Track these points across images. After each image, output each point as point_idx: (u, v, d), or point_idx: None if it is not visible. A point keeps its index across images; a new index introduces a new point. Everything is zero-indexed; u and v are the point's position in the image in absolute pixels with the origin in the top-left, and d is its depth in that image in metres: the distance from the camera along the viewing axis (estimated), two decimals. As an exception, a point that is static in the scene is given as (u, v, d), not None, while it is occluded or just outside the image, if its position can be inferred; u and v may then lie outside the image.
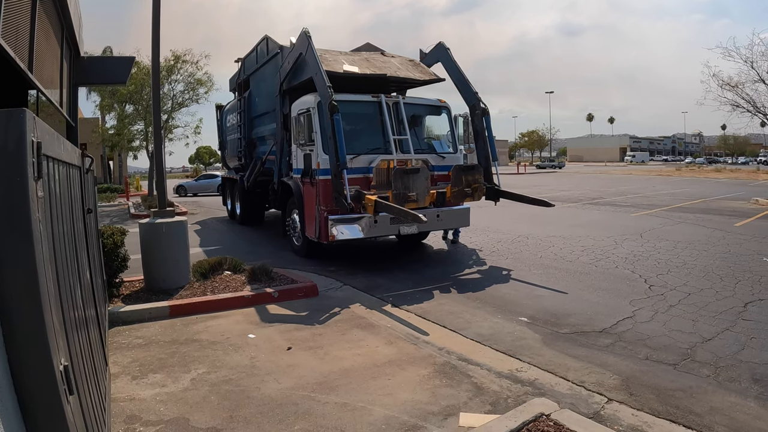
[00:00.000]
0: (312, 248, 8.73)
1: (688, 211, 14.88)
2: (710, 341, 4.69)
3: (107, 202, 23.05)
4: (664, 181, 32.96)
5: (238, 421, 3.30)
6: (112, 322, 5.33)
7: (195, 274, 6.80)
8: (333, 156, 7.20)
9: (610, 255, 8.63)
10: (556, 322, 5.39)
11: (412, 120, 8.70)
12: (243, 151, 12.84)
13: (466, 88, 9.10)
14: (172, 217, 6.58)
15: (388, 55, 10.17)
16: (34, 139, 1.61)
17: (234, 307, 5.91)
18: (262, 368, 4.19)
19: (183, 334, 5.04)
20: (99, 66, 6.26)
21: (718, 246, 9.30)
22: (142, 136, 22.03)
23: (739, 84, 20.40)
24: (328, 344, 4.76)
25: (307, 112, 8.18)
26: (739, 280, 6.80)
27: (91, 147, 26.99)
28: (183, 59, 20.56)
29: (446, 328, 5.26)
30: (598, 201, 18.59)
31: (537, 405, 3.35)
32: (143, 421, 3.31)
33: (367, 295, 6.53)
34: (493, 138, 9.03)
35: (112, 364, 4.24)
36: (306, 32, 8.04)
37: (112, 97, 21.21)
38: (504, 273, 7.68)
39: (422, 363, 4.31)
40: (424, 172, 7.95)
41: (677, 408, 3.49)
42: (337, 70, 8.32)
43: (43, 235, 1.69)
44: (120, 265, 6.17)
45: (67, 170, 2.73)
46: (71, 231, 2.63)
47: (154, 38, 6.72)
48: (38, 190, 1.64)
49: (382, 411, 3.44)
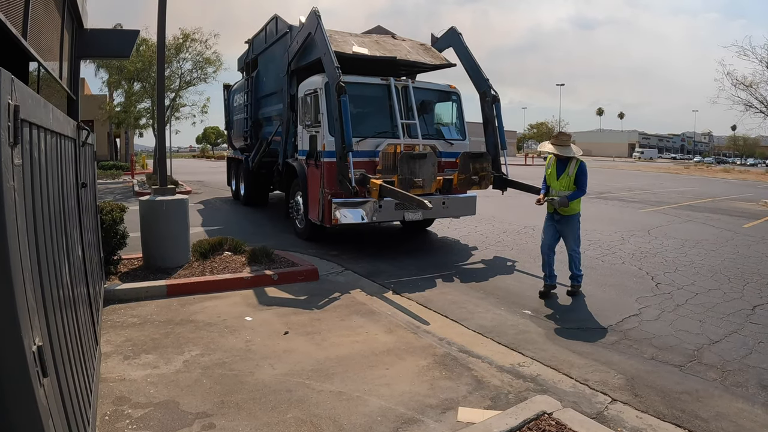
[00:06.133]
0: (315, 231, 8.61)
1: (697, 210, 14.67)
2: (717, 343, 4.57)
3: (112, 179, 22.98)
4: (673, 179, 32.64)
5: (229, 407, 3.21)
6: (108, 300, 5.25)
7: (195, 254, 6.71)
8: (339, 138, 7.06)
9: (617, 250, 8.48)
10: (560, 316, 5.27)
11: (421, 105, 8.52)
12: (249, 132, 12.70)
13: (478, 74, 8.91)
14: (172, 195, 6.48)
15: (399, 38, 9.95)
16: (11, 102, 1.49)
17: (232, 289, 5.81)
18: (257, 352, 4.10)
19: (179, 315, 4.95)
20: (102, 39, 6.09)
21: (727, 246, 9.13)
22: (149, 114, 21.90)
23: (753, 84, 20.07)
24: (326, 330, 4.66)
25: (315, 92, 8.02)
26: (747, 282, 6.65)
27: (98, 123, 26.92)
28: (192, 38, 20.35)
29: (448, 318, 5.15)
30: (606, 195, 18.37)
31: (539, 402, 3.24)
32: (132, 403, 3.22)
33: (368, 281, 6.42)
34: (503, 126, 8.84)
35: (105, 343, 4.16)
36: (316, 11, 7.85)
37: (120, 74, 21.06)
38: (509, 264, 7.55)
39: (422, 353, 4.20)
40: (432, 158, 7.79)
41: (683, 411, 3.37)
42: (346, 51, 8.14)
43: (19, 205, 1.57)
44: (119, 243, 6.07)
45: (57, 140, 2.60)
46: (59, 204, 2.51)
47: (161, 12, 6.57)
48: (14, 156, 1.52)
49: (378, 402, 3.34)
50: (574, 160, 5.79)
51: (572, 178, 5.75)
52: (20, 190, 1.60)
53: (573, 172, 5.76)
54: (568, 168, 5.81)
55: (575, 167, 5.76)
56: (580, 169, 5.76)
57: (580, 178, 5.76)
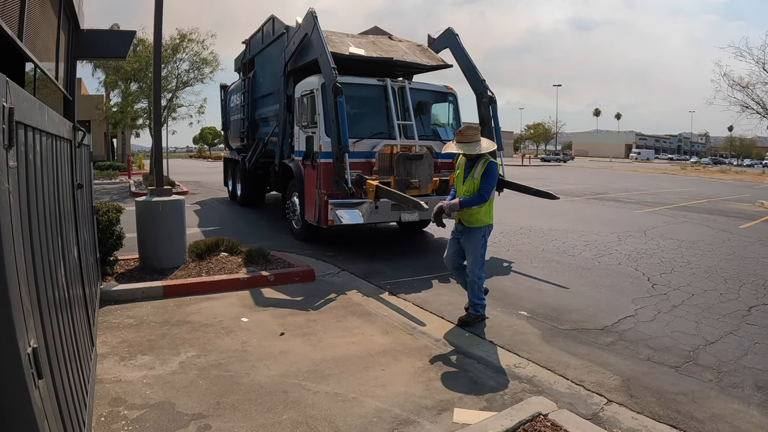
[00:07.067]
0: (311, 232, 8.61)
1: (693, 211, 14.72)
2: (713, 344, 4.58)
3: (109, 179, 22.93)
4: (669, 180, 32.72)
5: (225, 408, 3.21)
6: (105, 300, 5.23)
7: (191, 255, 6.70)
8: (335, 139, 7.06)
9: (613, 251, 8.50)
10: (556, 317, 5.28)
11: (418, 106, 8.53)
12: (246, 132, 12.69)
13: (474, 75, 8.93)
14: (169, 195, 6.47)
15: (396, 39, 9.97)
16: (5, 104, 1.49)
17: (229, 290, 5.81)
18: (253, 353, 4.10)
19: (175, 315, 4.95)
20: (99, 39, 6.07)
21: (723, 247, 9.16)
22: (145, 115, 21.86)
23: (749, 85, 20.16)
24: (322, 331, 4.66)
25: (311, 93, 8.03)
26: (743, 283, 6.67)
27: (95, 124, 26.88)
28: (189, 38, 20.33)
29: (444, 319, 5.15)
30: (603, 196, 18.42)
31: (534, 404, 3.24)
32: (128, 404, 3.21)
33: (364, 282, 6.42)
34: (499, 127, 8.86)
35: (101, 344, 4.15)
36: (312, 12, 7.85)
37: (117, 74, 21.02)
38: (505, 265, 7.56)
39: (418, 354, 4.20)
40: (428, 158, 7.80)
41: (678, 413, 3.38)
42: (342, 52, 8.14)
43: (14, 206, 1.57)
44: (115, 243, 6.06)
45: (53, 142, 2.60)
46: (54, 206, 2.51)
47: (157, 12, 6.57)
48: (8, 159, 1.52)
49: (374, 403, 3.34)
50: (482, 159, 4.78)
51: (477, 181, 4.74)
52: (15, 192, 1.60)
53: (479, 173, 4.74)
54: (474, 169, 4.80)
55: (482, 167, 4.73)
56: (486, 169, 4.71)
57: (483, 181, 4.71)
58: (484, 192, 4.67)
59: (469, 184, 4.78)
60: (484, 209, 4.80)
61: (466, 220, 4.86)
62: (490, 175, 4.69)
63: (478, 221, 4.81)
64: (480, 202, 4.70)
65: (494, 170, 4.72)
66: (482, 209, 4.78)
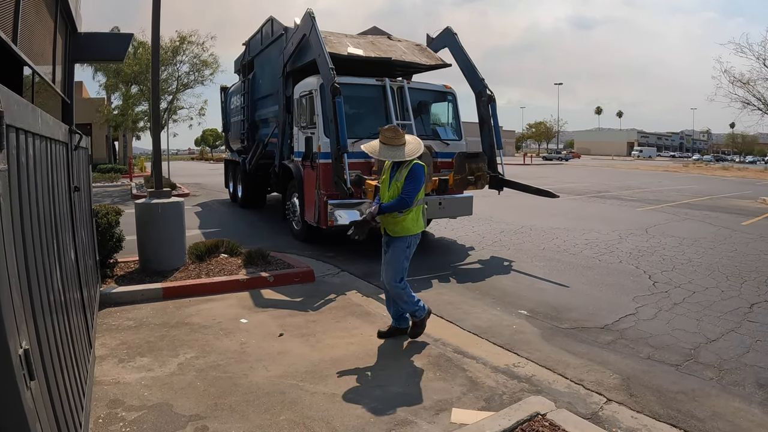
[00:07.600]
0: (311, 233, 8.61)
1: (695, 208, 14.67)
2: (714, 342, 4.56)
3: (110, 182, 22.98)
4: (671, 177, 32.64)
5: (222, 409, 3.20)
6: (104, 303, 5.24)
7: (191, 256, 6.70)
8: (334, 139, 7.05)
9: (615, 249, 8.48)
10: (556, 316, 5.27)
11: (417, 105, 8.53)
12: (246, 134, 12.71)
13: (473, 74, 8.92)
14: (168, 197, 6.47)
15: (395, 39, 9.96)
16: (-5, 107, 1.49)
17: (228, 291, 5.81)
18: (251, 354, 4.09)
19: (174, 317, 4.95)
20: (96, 42, 6.08)
21: (725, 244, 9.13)
22: (146, 117, 21.90)
23: (750, 81, 20.12)
24: (321, 332, 4.65)
25: (310, 94, 8.03)
26: (745, 280, 6.65)
27: (96, 127, 26.93)
28: (189, 40, 20.36)
29: (443, 319, 5.14)
30: (604, 194, 18.38)
31: (533, 403, 3.23)
32: (126, 405, 3.21)
33: (364, 282, 6.41)
34: (498, 126, 8.85)
35: (100, 346, 4.15)
36: (310, 13, 7.86)
37: (117, 77, 21.06)
38: (505, 264, 7.55)
39: (416, 354, 4.19)
40: (427, 158, 7.78)
41: (679, 411, 3.37)
42: (341, 52, 8.14)
43: (5, 209, 1.56)
44: (114, 246, 6.07)
45: (47, 145, 2.60)
46: (49, 209, 2.50)
47: (154, 14, 6.58)
48: (-2, 161, 1.52)
49: (371, 403, 3.33)
50: (407, 161, 4.29)
51: (401, 184, 4.25)
52: (6, 195, 1.60)
53: (403, 175, 4.25)
54: (399, 171, 4.31)
55: (406, 169, 4.25)
56: (410, 171, 4.22)
57: (407, 184, 4.21)
58: (407, 195, 4.18)
59: (394, 189, 4.30)
60: (411, 216, 4.29)
61: (391, 229, 4.37)
62: (415, 177, 4.21)
63: (404, 229, 4.30)
64: (402, 206, 4.20)
65: (420, 172, 4.23)
66: (408, 216, 4.27)
